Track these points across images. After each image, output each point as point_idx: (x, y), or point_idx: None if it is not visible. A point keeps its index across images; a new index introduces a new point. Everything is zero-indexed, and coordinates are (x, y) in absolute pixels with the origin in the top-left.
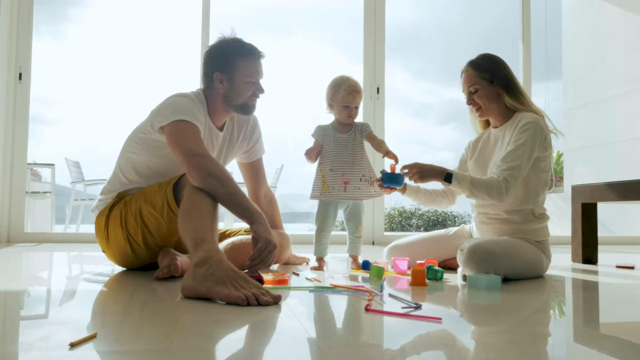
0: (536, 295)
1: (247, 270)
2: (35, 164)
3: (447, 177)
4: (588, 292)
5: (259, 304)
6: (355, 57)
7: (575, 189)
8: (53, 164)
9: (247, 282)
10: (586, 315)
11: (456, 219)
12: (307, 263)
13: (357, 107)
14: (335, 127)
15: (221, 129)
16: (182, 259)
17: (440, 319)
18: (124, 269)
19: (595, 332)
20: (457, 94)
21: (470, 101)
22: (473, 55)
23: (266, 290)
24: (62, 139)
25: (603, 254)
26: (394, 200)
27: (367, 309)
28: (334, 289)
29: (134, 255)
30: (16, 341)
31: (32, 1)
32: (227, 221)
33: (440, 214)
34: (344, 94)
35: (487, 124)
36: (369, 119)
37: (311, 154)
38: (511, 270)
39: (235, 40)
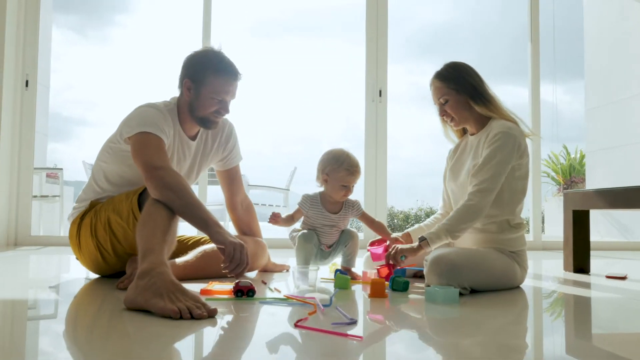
0: (496, 309)
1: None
2: (44, 168)
3: (421, 240)
4: (557, 307)
5: (192, 317)
6: (390, 57)
7: (567, 196)
8: (61, 168)
9: (184, 295)
10: (536, 335)
11: None
12: (287, 270)
13: (353, 186)
14: (324, 203)
15: (194, 138)
16: None
17: (361, 337)
18: (98, 275)
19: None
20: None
21: (443, 112)
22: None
23: (202, 303)
24: (100, 140)
25: (603, 261)
26: (421, 201)
27: (296, 325)
28: (283, 300)
29: (104, 263)
30: None
31: (38, 11)
32: None
33: None
34: (345, 173)
35: (463, 132)
36: (371, 123)
37: (277, 221)
38: (478, 282)
39: (216, 54)
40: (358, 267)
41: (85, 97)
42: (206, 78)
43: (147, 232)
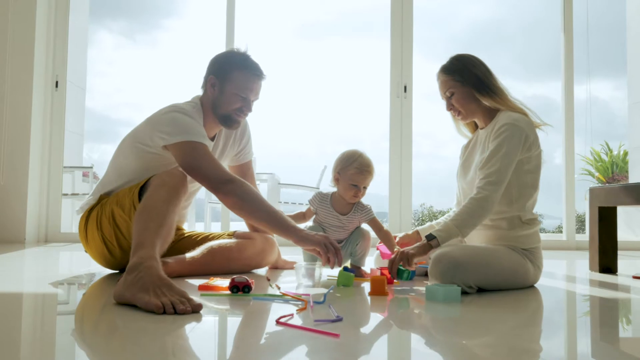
0: (498, 308)
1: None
2: (79, 167)
3: (430, 238)
4: (562, 309)
5: (176, 312)
6: (426, 54)
7: (592, 192)
8: (91, 167)
9: (170, 290)
10: (524, 340)
11: None
12: None
13: (365, 188)
14: (334, 204)
15: (212, 138)
16: None
17: (338, 335)
18: (110, 270)
19: None
20: (539, 90)
21: (450, 107)
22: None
23: (188, 298)
24: None
25: (633, 261)
26: (453, 200)
27: (277, 322)
28: (277, 297)
29: (111, 257)
30: None
31: (67, 12)
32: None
33: None
34: (354, 172)
35: (475, 126)
36: (396, 119)
37: None
38: (484, 281)
39: (241, 54)
40: (368, 267)
41: (132, 99)
42: (231, 74)
43: (140, 226)
